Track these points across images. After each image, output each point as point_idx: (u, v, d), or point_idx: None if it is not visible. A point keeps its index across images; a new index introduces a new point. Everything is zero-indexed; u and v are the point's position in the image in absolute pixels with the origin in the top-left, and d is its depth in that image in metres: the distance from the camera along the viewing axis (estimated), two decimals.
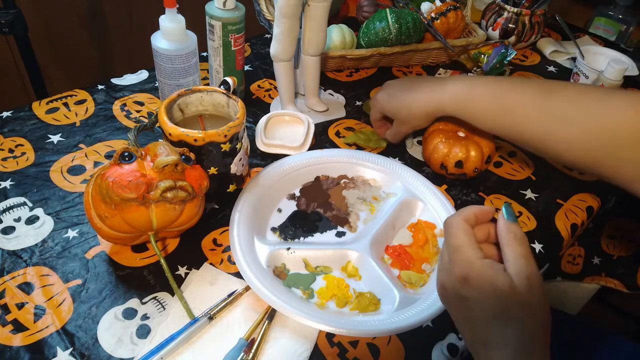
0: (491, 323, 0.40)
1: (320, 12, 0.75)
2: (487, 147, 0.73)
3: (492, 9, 1.14)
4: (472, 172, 0.73)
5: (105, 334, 0.53)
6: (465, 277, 0.41)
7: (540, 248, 0.70)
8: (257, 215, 0.65)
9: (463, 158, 0.72)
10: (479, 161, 0.72)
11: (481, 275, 0.40)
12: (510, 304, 0.39)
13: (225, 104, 0.67)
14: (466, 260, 0.41)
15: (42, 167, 0.71)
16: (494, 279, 0.39)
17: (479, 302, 0.40)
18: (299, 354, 0.53)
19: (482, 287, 0.40)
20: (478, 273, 0.40)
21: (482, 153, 0.72)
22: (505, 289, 0.39)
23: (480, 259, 0.41)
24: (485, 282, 0.40)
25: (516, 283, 0.39)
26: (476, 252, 0.41)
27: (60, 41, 1.43)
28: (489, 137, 0.75)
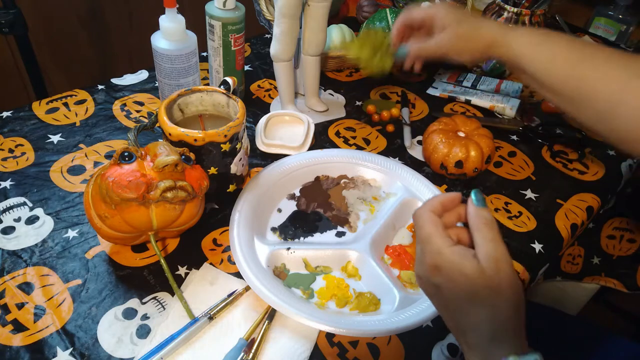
0: (464, 307, 0.42)
1: (320, 12, 0.75)
2: (487, 147, 0.73)
3: (492, 9, 1.14)
4: (472, 172, 0.73)
5: (105, 334, 0.53)
6: (435, 266, 0.42)
7: (540, 248, 0.70)
8: (257, 215, 0.65)
9: (463, 158, 0.72)
10: (479, 161, 0.72)
11: (450, 262, 0.41)
12: (479, 288, 0.40)
13: (225, 104, 0.67)
14: (435, 250, 0.43)
15: (42, 167, 0.71)
16: (462, 265, 0.41)
17: (450, 289, 0.42)
18: (299, 354, 0.53)
19: (451, 274, 0.41)
20: (447, 261, 0.42)
21: (482, 153, 0.72)
22: (473, 273, 0.40)
23: (449, 247, 0.42)
24: (454, 269, 0.41)
25: (484, 267, 0.40)
26: (444, 240, 0.43)
27: (60, 41, 1.43)
28: (489, 137, 0.74)
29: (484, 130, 0.75)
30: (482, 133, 0.74)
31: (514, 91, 0.96)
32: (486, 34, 0.63)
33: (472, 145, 0.72)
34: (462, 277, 0.41)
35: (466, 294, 0.41)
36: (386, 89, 0.97)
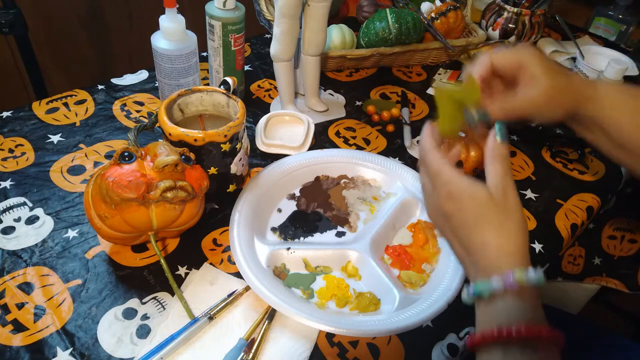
0: (471, 229, 0.45)
1: (320, 12, 0.75)
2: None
3: (492, 9, 1.14)
4: (472, 172, 0.71)
5: (105, 334, 0.53)
6: (448, 193, 0.46)
7: (540, 248, 0.70)
8: (257, 215, 0.65)
9: (463, 158, 0.70)
10: (479, 161, 0.70)
11: (461, 189, 0.45)
12: (487, 209, 0.44)
13: (225, 104, 0.67)
14: (446, 180, 0.46)
15: (42, 167, 0.71)
16: (472, 190, 0.45)
17: (462, 211, 0.45)
18: (299, 354, 0.53)
19: (462, 199, 0.45)
20: (458, 187, 0.45)
21: (483, 153, 0.70)
22: (483, 198, 0.44)
23: (459, 176, 0.46)
24: (465, 194, 0.45)
25: (493, 194, 0.44)
26: (453, 171, 0.46)
27: (60, 41, 1.43)
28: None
29: (484, 130, 0.74)
30: (482, 133, 0.73)
31: None
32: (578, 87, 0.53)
33: (472, 145, 0.69)
34: (472, 201, 0.44)
35: (476, 215, 0.44)
36: (386, 89, 0.97)
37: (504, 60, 0.52)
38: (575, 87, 0.53)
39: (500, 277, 0.42)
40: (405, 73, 1.03)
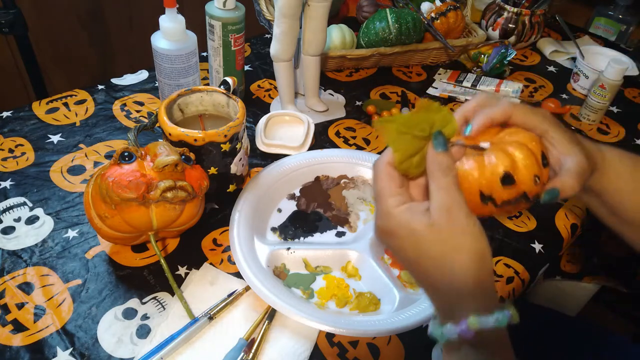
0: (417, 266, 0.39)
1: (320, 12, 0.75)
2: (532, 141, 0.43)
3: (492, 9, 1.14)
4: (532, 185, 0.42)
5: (105, 334, 0.53)
6: (384, 228, 0.40)
7: (540, 248, 0.70)
8: (257, 215, 0.65)
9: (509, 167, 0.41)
10: (535, 164, 0.42)
11: (399, 222, 0.39)
12: (429, 244, 0.37)
13: (225, 104, 0.67)
14: (384, 211, 0.40)
15: (42, 167, 0.71)
16: (410, 223, 0.38)
17: (401, 249, 0.39)
18: (299, 354, 0.53)
19: (400, 234, 0.39)
20: (396, 221, 0.39)
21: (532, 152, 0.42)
22: (422, 229, 0.37)
23: (398, 207, 0.39)
24: (403, 228, 0.38)
25: (435, 219, 0.37)
26: (394, 199, 0.39)
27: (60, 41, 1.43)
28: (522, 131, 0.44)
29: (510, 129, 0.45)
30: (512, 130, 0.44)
31: (514, 91, 0.96)
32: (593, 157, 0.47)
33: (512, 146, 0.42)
34: (411, 236, 0.38)
35: (416, 252, 0.38)
36: (386, 89, 0.97)
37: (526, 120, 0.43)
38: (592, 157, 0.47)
39: (452, 324, 0.37)
40: (405, 73, 1.03)
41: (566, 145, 0.43)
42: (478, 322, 0.36)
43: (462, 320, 0.36)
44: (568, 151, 0.43)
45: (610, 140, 0.92)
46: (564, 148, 0.43)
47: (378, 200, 0.41)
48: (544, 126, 0.43)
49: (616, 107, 1.01)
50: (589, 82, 1.00)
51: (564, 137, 0.43)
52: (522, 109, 0.43)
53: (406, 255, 0.39)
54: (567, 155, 0.43)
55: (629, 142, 0.92)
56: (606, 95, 0.90)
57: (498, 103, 0.43)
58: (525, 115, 0.43)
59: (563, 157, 0.43)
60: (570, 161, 0.43)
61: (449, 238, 0.37)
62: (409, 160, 0.41)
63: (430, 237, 0.37)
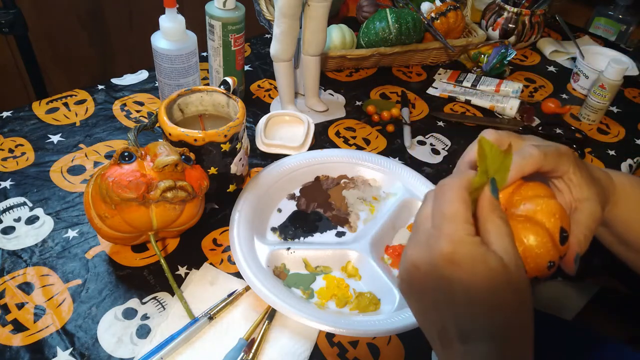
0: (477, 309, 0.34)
1: (320, 12, 0.75)
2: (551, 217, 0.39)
3: (492, 9, 1.14)
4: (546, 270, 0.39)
5: (105, 334, 0.53)
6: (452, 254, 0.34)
7: None
8: (257, 215, 0.65)
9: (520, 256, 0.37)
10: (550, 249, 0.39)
11: (472, 254, 0.33)
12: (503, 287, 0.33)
13: (225, 104, 0.67)
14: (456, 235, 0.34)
15: (42, 167, 0.71)
16: (486, 259, 0.33)
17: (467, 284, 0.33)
18: (299, 354, 0.53)
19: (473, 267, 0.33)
20: (468, 251, 0.34)
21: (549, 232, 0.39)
22: (499, 269, 0.33)
23: (471, 236, 0.34)
24: (477, 261, 0.33)
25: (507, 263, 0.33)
26: (470, 228, 0.35)
27: (60, 41, 1.43)
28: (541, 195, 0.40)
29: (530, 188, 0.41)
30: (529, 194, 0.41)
31: (514, 91, 0.96)
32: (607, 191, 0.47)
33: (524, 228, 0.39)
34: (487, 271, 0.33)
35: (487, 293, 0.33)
36: (386, 89, 0.97)
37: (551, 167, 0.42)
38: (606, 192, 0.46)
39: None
40: (405, 73, 1.03)
41: (584, 187, 0.42)
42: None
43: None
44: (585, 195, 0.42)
45: (611, 140, 0.92)
46: (582, 191, 0.42)
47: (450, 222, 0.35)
48: (565, 167, 0.42)
49: (616, 107, 1.01)
50: (589, 82, 1.00)
51: (582, 178, 0.42)
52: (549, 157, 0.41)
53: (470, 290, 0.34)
54: (583, 201, 0.42)
55: (629, 142, 0.92)
56: (606, 95, 0.90)
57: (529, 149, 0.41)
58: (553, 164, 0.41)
59: (579, 202, 0.42)
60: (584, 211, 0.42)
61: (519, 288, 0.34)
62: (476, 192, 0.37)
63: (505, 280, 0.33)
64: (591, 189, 0.42)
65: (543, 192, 0.40)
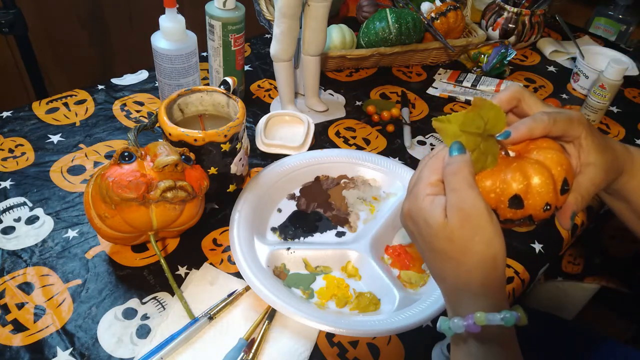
0: (429, 257, 0.41)
1: (320, 12, 0.75)
2: (558, 165, 0.42)
3: (492, 9, 1.14)
4: (541, 211, 0.42)
5: (105, 334, 0.53)
6: (408, 210, 0.42)
7: (540, 248, 0.70)
8: (257, 215, 0.65)
9: (521, 190, 0.42)
10: (551, 191, 0.42)
11: (419, 209, 0.41)
12: (441, 240, 0.39)
13: (225, 104, 0.67)
14: (414, 194, 0.42)
15: (42, 167, 0.71)
16: (428, 215, 0.40)
17: (418, 236, 0.42)
18: (299, 354, 0.53)
19: (418, 222, 0.41)
20: (418, 207, 0.41)
21: (553, 177, 0.42)
22: (435, 224, 0.39)
23: (427, 195, 0.41)
24: (421, 216, 0.40)
25: (449, 219, 0.39)
26: (428, 188, 0.41)
27: (60, 41, 1.43)
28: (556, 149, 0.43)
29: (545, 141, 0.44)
30: (543, 145, 0.44)
31: None
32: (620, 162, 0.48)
33: (535, 169, 0.42)
34: (426, 227, 0.40)
35: (429, 245, 0.40)
36: (386, 89, 0.97)
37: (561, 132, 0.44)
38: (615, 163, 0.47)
39: (461, 318, 0.38)
40: (405, 73, 1.03)
41: (592, 153, 0.44)
42: (485, 319, 0.37)
43: (469, 315, 0.38)
44: (591, 160, 0.44)
45: None
46: (588, 156, 0.44)
47: (414, 184, 0.42)
48: (578, 132, 0.44)
49: (616, 107, 1.01)
50: (589, 82, 1.00)
51: (592, 144, 0.44)
52: (560, 122, 0.43)
53: (420, 243, 0.42)
54: (588, 165, 0.45)
55: (629, 142, 0.92)
56: (606, 95, 0.90)
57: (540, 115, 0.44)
58: (563, 129, 0.44)
59: (584, 166, 0.45)
60: (586, 175, 0.45)
61: (458, 240, 0.38)
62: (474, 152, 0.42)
63: (441, 235, 0.39)
64: (599, 155, 0.45)
65: (556, 146, 0.44)
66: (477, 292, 0.39)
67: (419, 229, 0.41)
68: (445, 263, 0.40)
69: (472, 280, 0.39)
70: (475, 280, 0.38)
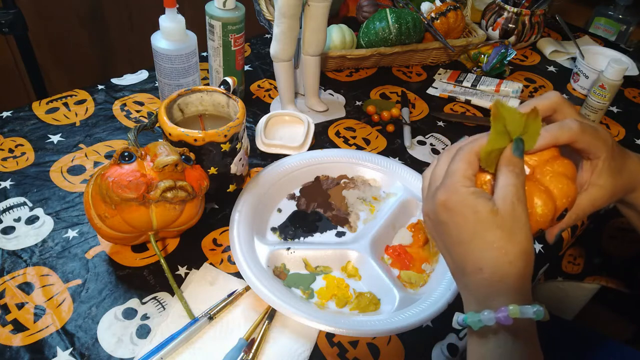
0: (468, 247, 0.39)
1: (320, 12, 0.75)
2: (564, 198, 0.42)
3: (492, 9, 1.14)
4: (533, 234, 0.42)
5: (105, 334, 0.53)
6: (445, 202, 0.40)
7: (540, 248, 0.70)
8: (257, 215, 0.65)
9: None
10: (547, 221, 0.42)
11: (463, 201, 0.39)
12: (489, 228, 0.38)
13: (225, 104, 0.67)
14: (452, 187, 0.40)
15: (42, 167, 0.71)
16: (474, 204, 0.39)
17: (457, 226, 0.40)
18: (299, 354, 0.53)
19: (462, 211, 0.39)
20: (460, 198, 0.39)
21: (555, 208, 0.42)
22: (486, 213, 0.38)
23: (466, 187, 0.40)
24: (466, 207, 0.39)
25: (499, 208, 0.38)
26: (466, 181, 0.40)
27: (60, 41, 1.43)
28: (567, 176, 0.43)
29: (562, 165, 0.43)
30: (559, 170, 0.43)
31: (514, 91, 0.96)
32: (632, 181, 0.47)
33: (539, 196, 0.42)
34: (473, 215, 0.39)
35: (475, 232, 0.39)
36: (386, 89, 0.97)
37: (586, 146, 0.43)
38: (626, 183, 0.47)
39: (492, 311, 0.38)
40: (405, 73, 1.03)
41: (603, 176, 0.44)
42: (519, 312, 0.36)
43: (502, 308, 0.37)
44: (600, 183, 0.44)
45: None
46: (599, 179, 0.44)
47: (448, 176, 0.41)
48: (598, 153, 0.44)
49: (616, 107, 1.01)
50: (589, 82, 1.00)
51: (608, 168, 0.44)
52: (587, 135, 0.43)
53: (459, 234, 0.40)
54: (595, 186, 0.45)
55: (629, 142, 0.92)
56: (606, 95, 0.90)
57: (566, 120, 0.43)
58: (589, 144, 0.43)
59: (591, 186, 0.45)
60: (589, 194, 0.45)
61: (509, 228, 0.38)
62: (493, 153, 0.42)
63: (492, 222, 0.38)
64: (610, 179, 0.44)
65: (571, 174, 0.43)
66: (513, 285, 0.38)
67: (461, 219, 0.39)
68: (488, 252, 0.38)
69: (512, 271, 0.38)
70: (514, 271, 0.38)
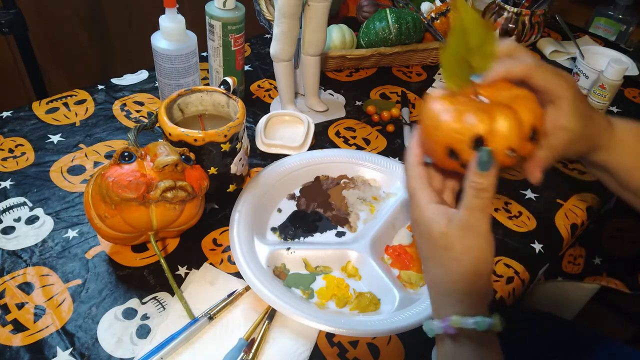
0: (427, 264, 0.45)
1: (320, 12, 0.75)
2: (530, 113, 0.41)
3: (492, 9, 1.14)
4: (504, 155, 0.41)
5: (105, 334, 0.53)
6: (414, 219, 0.45)
7: (540, 248, 0.70)
8: (257, 215, 0.65)
9: (485, 132, 0.40)
10: (517, 136, 0.40)
11: (422, 218, 0.43)
12: (438, 249, 0.42)
13: (225, 104, 0.67)
14: (415, 204, 0.45)
15: (42, 167, 0.71)
16: (431, 224, 0.43)
17: (419, 242, 0.45)
18: (299, 354, 0.53)
19: (421, 229, 0.44)
20: (421, 216, 0.44)
21: (522, 123, 0.41)
22: (438, 235, 0.42)
23: (429, 203, 0.44)
24: (424, 225, 0.43)
25: (451, 231, 0.41)
26: (425, 196, 0.44)
27: (60, 41, 1.43)
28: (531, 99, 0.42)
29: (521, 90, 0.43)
30: (519, 94, 0.42)
31: None
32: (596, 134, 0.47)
33: (502, 112, 0.40)
34: (428, 236, 0.43)
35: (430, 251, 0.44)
36: (386, 89, 0.97)
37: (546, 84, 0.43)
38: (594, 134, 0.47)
39: (439, 320, 0.42)
40: (405, 73, 1.03)
41: (571, 119, 0.43)
42: (459, 322, 0.40)
43: (446, 318, 0.41)
44: (569, 126, 0.44)
45: None
46: (567, 121, 0.43)
47: (411, 196, 0.45)
48: (561, 93, 0.43)
49: (616, 107, 1.01)
50: (589, 82, 1.00)
51: (575, 110, 0.43)
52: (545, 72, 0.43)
53: (422, 252, 0.45)
54: (563, 129, 0.44)
55: None
56: (606, 95, 0.90)
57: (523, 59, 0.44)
58: (546, 80, 0.43)
59: (559, 129, 0.44)
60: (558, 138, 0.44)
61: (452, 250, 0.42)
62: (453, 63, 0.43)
63: (441, 243, 0.42)
64: (578, 122, 0.44)
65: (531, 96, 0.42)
66: (458, 298, 0.42)
67: (420, 235, 0.44)
68: (438, 269, 0.43)
69: (457, 287, 0.42)
70: (459, 287, 0.42)
